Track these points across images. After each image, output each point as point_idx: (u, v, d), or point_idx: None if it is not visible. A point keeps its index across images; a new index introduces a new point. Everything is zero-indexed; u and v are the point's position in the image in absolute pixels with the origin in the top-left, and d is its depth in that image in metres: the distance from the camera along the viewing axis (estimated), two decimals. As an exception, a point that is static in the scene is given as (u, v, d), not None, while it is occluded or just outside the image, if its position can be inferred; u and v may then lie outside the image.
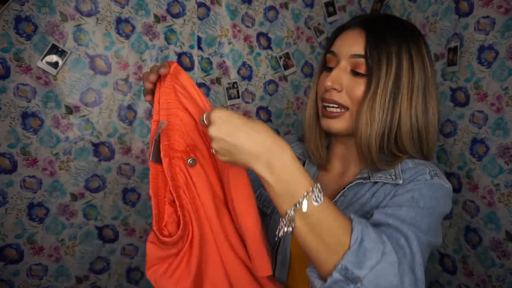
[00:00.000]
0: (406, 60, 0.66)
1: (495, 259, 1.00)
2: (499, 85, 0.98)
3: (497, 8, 0.97)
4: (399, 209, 0.61)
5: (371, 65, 0.65)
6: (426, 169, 0.66)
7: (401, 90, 0.66)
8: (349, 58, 0.68)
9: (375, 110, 0.65)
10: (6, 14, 0.99)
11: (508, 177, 0.97)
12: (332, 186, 0.76)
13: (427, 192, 0.63)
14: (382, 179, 0.68)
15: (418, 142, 0.69)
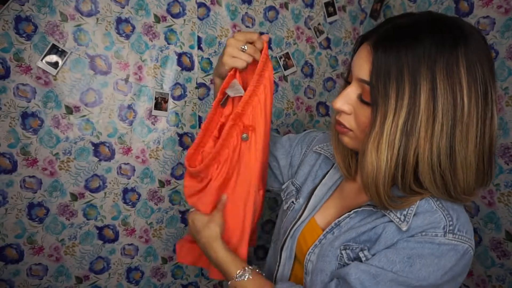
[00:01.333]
0: (425, 91, 0.52)
1: (495, 259, 1.00)
2: (499, 85, 0.98)
3: (497, 8, 0.97)
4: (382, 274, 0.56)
5: (376, 97, 0.55)
6: (442, 222, 0.56)
7: (416, 128, 0.53)
8: (358, 81, 0.60)
9: (381, 148, 0.55)
10: (6, 14, 0.99)
11: (508, 177, 0.97)
12: (350, 199, 0.73)
13: (429, 255, 0.55)
14: (391, 216, 0.61)
15: (442, 184, 0.57)
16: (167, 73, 1.21)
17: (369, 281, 0.57)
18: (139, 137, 1.19)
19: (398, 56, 0.53)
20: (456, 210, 0.60)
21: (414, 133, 0.53)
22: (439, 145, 0.54)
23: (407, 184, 0.58)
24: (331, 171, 0.79)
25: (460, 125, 0.53)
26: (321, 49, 1.45)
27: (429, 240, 0.56)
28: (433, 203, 0.59)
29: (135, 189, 1.21)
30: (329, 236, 0.69)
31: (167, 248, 1.28)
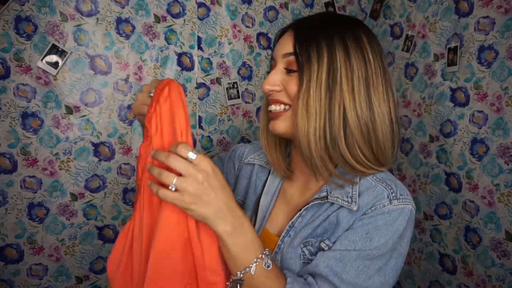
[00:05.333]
0: (340, 52, 0.64)
1: (495, 259, 1.00)
2: (499, 85, 0.98)
3: (497, 8, 0.97)
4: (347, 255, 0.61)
5: (301, 60, 0.64)
6: (384, 192, 0.64)
7: (338, 81, 0.63)
8: (282, 58, 0.68)
9: (310, 105, 0.62)
10: (6, 14, 0.99)
11: (508, 177, 0.97)
12: (295, 199, 0.76)
13: (382, 225, 0.62)
14: (339, 201, 0.66)
15: (368, 142, 0.64)
16: (167, 73, 1.21)
17: (337, 265, 0.62)
18: (139, 137, 1.19)
19: (315, 31, 0.66)
20: (391, 180, 0.67)
21: (337, 87, 0.63)
22: (360, 97, 0.63)
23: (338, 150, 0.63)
24: (269, 178, 0.80)
25: (371, 79, 0.64)
26: (321, 49, 1.45)
27: (379, 212, 0.63)
28: (370, 179, 0.66)
29: (135, 189, 1.21)
30: (286, 239, 0.71)
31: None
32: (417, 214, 1.27)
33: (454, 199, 1.13)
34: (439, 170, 1.18)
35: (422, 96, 1.23)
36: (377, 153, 0.66)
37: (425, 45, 1.21)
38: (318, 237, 0.67)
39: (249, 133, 1.37)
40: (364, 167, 0.65)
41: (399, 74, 1.33)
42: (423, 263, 1.25)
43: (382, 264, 0.62)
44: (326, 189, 0.69)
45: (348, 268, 0.61)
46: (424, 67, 1.22)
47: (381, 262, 0.62)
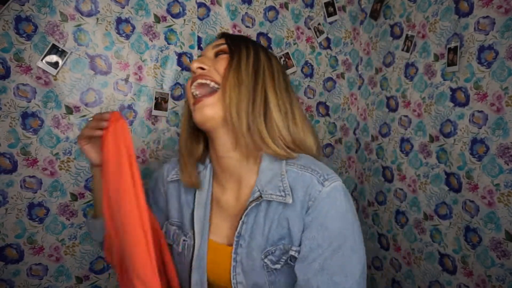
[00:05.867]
0: (263, 52, 0.77)
1: (495, 259, 1.00)
2: (499, 85, 0.98)
3: (497, 8, 0.97)
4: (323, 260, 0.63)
5: (233, 47, 0.74)
6: (313, 178, 0.67)
7: (261, 69, 0.73)
8: (212, 49, 0.77)
9: (241, 79, 0.69)
10: (6, 14, 1.00)
11: (508, 177, 0.97)
12: (232, 205, 0.76)
13: (328, 210, 0.65)
14: (274, 197, 0.68)
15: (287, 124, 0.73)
16: (167, 73, 1.21)
17: (323, 276, 0.63)
18: (139, 137, 1.19)
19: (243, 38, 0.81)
20: (314, 164, 0.70)
21: (261, 72, 0.72)
22: (279, 84, 0.74)
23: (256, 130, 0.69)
24: (197, 190, 0.80)
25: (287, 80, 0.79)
26: (321, 49, 1.45)
27: (318, 198, 0.65)
28: (295, 169, 0.69)
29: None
30: (239, 250, 0.71)
31: (167, 248, 1.28)
32: (417, 214, 1.27)
33: (454, 199, 1.13)
34: (439, 170, 1.18)
35: (422, 96, 1.23)
36: (294, 134, 0.73)
37: (425, 45, 1.21)
38: (277, 245, 0.68)
39: (249, 133, 1.37)
40: (279, 147, 0.70)
41: (399, 74, 1.33)
42: (423, 263, 1.26)
43: (351, 242, 0.65)
44: (258, 189, 0.70)
45: (332, 270, 0.63)
46: (424, 67, 1.22)
47: (349, 242, 0.65)
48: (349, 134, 1.57)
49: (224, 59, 0.73)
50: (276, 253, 0.68)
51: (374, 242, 1.50)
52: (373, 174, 1.49)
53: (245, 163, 0.74)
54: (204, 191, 0.79)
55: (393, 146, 1.37)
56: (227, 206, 0.77)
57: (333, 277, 0.62)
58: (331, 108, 1.51)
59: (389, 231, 1.41)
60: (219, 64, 0.73)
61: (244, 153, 0.72)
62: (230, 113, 0.68)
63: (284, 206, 0.67)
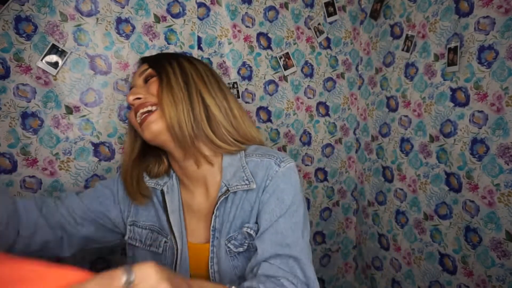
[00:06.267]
0: (185, 61, 0.81)
1: (495, 259, 1.00)
2: (499, 85, 0.98)
3: (497, 8, 0.97)
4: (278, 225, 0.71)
5: (158, 68, 0.79)
6: (271, 161, 0.75)
7: (190, 77, 0.78)
8: (139, 77, 0.82)
9: (174, 93, 0.74)
10: (6, 14, 0.99)
11: (508, 177, 0.97)
12: (204, 205, 0.82)
13: (284, 186, 0.73)
14: (240, 187, 0.75)
15: (229, 120, 0.79)
16: (167, 73, 1.21)
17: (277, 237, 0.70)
18: (139, 137, 1.19)
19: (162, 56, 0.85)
20: (270, 151, 0.78)
21: (191, 80, 0.77)
22: (212, 86, 0.79)
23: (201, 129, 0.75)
24: (166, 197, 0.83)
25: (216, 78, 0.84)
26: (321, 49, 1.45)
27: (275, 177, 0.73)
28: (255, 158, 0.77)
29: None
30: (215, 242, 0.78)
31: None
32: (417, 214, 1.27)
33: (454, 199, 1.13)
34: (439, 170, 1.18)
35: (422, 96, 1.23)
36: (238, 128, 0.80)
37: (425, 45, 1.21)
38: (240, 229, 0.75)
39: (249, 133, 1.37)
40: (229, 144, 0.77)
41: (399, 74, 1.33)
42: (423, 263, 1.25)
43: (301, 213, 0.73)
44: (224, 184, 0.77)
45: (285, 233, 0.70)
46: (424, 67, 1.22)
47: (300, 212, 0.73)
48: (349, 134, 1.57)
49: (154, 82, 0.79)
50: (238, 237, 0.75)
51: (374, 242, 1.50)
52: (373, 174, 1.49)
53: (207, 167, 0.80)
54: (175, 197, 0.84)
55: (393, 146, 1.37)
56: (199, 209, 0.83)
57: (286, 239, 0.70)
58: (331, 108, 1.51)
59: (389, 231, 1.41)
60: (151, 88, 0.78)
61: (200, 159, 0.78)
62: (173, 128, 0.74)
63: (247, 192, 0.75)
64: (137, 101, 0.78)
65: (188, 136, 0.74)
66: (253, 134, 0.84)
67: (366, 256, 1.56)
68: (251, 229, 0.74)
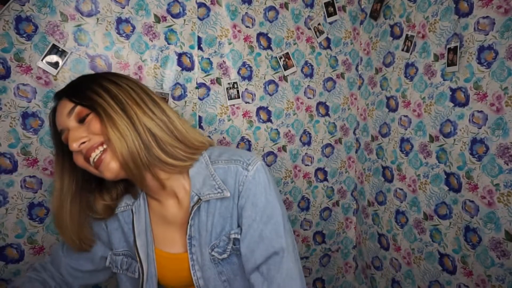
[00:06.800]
0: (109, 84, 0.73)
1: (495, 259, 1.00)
2: (498, 85, 0.98)
3: (497, 8, 0.97)
4: (259, 231, 0.73)
5: (87, 103, 0.71)
6: (238, 166, 0.75)
7: (125, 102, 0.71)
8: (68, 118, 0.72)
9: (118, 127, 0.69)
10: (7, 14, 1.00)
11: (508, 177, 0.97)
12: (178, 215, 0.81)
13: (256, 189, 0.74)
14: (212, 196, 0.75)
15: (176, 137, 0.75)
16: (167, 73, 1.21)
17: (262, 243, 0.73)
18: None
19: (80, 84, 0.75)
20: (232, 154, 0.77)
21: (127, 107, 0.71)
22: (148, 107, 0.73)
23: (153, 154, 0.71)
24: (135, 216, 0.82)
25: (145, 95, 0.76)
26: (321, 49, 1.45)
27: (246, 182, 0.74)
28: (221, 165, 0.76)
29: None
30: (194, 249, 0.78)
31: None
32: (416, 214, 1.28)
33: (454, 199, 1.13)
34: (439, 170, 1.18)
35: (422, 96, 1.23)
36: (184, 140, 0.76)
37: (425, 45, 1.21)
38: (220, 236, 0.76)
39: (249, 133, 1.37)
40: (183, 160, 0.75)
41: (399, 74, 1.33)
42: (423, 263, 1.26)
43: (278, 210, 0.75)
44: (195, 193, 0.76)
45: (269, 236, 0.73)
46: (424, 67, 1.22)
47: (277, 210, 0.74)
48: (349, 134, 1.57)
49: (93, 119, 0.71)
50: (221, 244, 0.76)
51: (374, 242, 1.50)
52: (373, 174, 1.49)
53: (174, 180, 0.78)
54: (142, 218, 0.82)
55: (393, 146, 1.37)
56: (174, 218, 0.82)
57: (271, 242, 0.73)
58: (331, 108, 1.51)
59: (389, 231, 1.41)
60: (92, 127, 0.71)
61: (165, 179, 0.76)
62: (128, 164, 0.70)
63: (221, 200, 0.75)
64: (83, 146, 0.71)
65: (143, 166, 0.71)
66: (201, 140, 0.80)
67: (366, 256, 1.56)
68: (236, 234, 0.76)
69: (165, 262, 0.83)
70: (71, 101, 0.72)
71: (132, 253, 0.84)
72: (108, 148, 0.70)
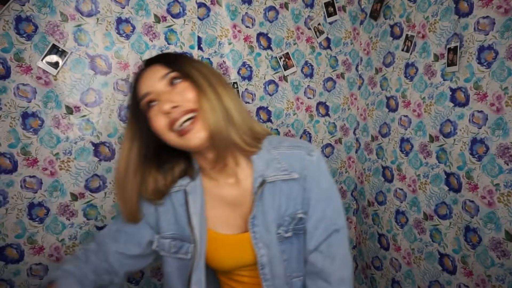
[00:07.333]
0: (199, 65, 0.79)
1: (495, 259, 1.00)
2: (499, 85, 0.98)
3: (497, 8, 0.97)
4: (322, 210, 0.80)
5: (184, 72, 0.76)
6: (301, 152, 0.81)
7: (213, 83, 0.76)
8: (159, 81, 0.75)
9: (211, 100, 0.74)
10: (7, 14, 1.00)
11: (508, 177, 0.97)
12: (234, 195, 0.83)
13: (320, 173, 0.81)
14: (278, 177, 0.79)
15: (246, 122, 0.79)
16: (167, 73, 1.21)
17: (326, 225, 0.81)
18: (139, 137, 1.19)
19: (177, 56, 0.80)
20: (293, 141, 0.84)
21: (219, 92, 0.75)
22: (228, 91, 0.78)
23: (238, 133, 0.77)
24: (189, 198, 0.83)
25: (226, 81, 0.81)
26: (321, 49, 1.45)
27: (311, 167, 0.80)
28: (283, 149, 0.81)
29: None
30: (256, 229, 0.81)
31: (167, 248, 1.28)
32: (417, 214, 1.28)
33: (454, 199, 1.13)
34: (439, 170, 1.18)
35: (422, 96, 1.23)
36: (252, 128, 0.81)
37: (425, 45, 1.21)
38: (284, 215, 0.81)
39: (249, 133, 1.37)
40: (252, 146, 0.79)
41: (399, 74, 1.33)
42: (423, 263, 1.26)
43: (337, 193, 0.83)
44: (259, 175, 0.79)
45: (331, 215, 0.81)
46: (424, 67, 1.22)
47: (336, 191, 0.83)
48: (349, 134, 1.57)
49: (189, 87, 0.75)
50: (285, 224, 0.81)
51: (374, 242, 1.50)
52: (373, 174, 1.49)
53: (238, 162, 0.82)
54: (198, 198, 0.83)
55: (393, 146, 1.37)
56: (231, 199, 0.84)
57: (333, 220, 0.80)
58: (331, 108, 1.51)
59: (389, 231, 1.41)
60: (186, 93, 0.74)
61: (233, 159, 0.81)
62: (215, 135, 0.74)
63: (287, 182, 0.80)
64: (174, 110, 0.72)
65: (226, 141, 0.75)
66: (262, 128, 0.86)
67: (366, 256, 1.56)
68: (302, 213, 0.81)
69: (216, 243, 0.84)
70: (167, 67, 0.76)
71: (182, 235, 0.84)
72: (198, 117, 0.73)
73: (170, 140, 0.75)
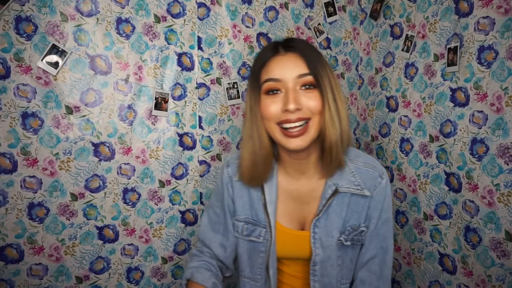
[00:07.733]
0: (328, 69, 0.81)
1: (495, 259, 1.00)
2: (499, 85, 0.98)
3: (497, 9, 0.97)
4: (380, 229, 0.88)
5: (319, 79, 0.78)
6: (375, 173, 0.87)
7: (335, 93, 0.79)
8: (296, 79, 0.78)
9: (331, 112, 0.78)
10: (7, 14, 1.00)
11: (508, 177, 0.97)
12: (304, 195, 0.89)
13: (385, 196, 0.88)
14: (351, 190, 0.85)
15: (350, 135, 0.85)
16: (167, 73, 1.21)
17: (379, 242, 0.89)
18: (139, 137, 1.19)
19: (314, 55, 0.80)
20: (368, 159, 0.89)
21: (337, 95, 0.80)
22: (344, 105, 0.81)
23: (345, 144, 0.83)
24: (265, 187, 0.88)
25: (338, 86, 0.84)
26: (321, 49, 1.45)
27: (379, 188, 0.87)
28: (360, 166, 0.87)
29: (135, 189, 1.21)
30: (317, 230, 0.87)
31: (167, 248, 1.28)
32: (417, 214, 1.27)
33: (454, 199, 1.13)
34: (439, 170, 1.18)
35: (422, 96, 1.23)
36: (349, 141, 0.85)
37: (425, 45, 1.21)
38: (345, 225, 0.87)
39: (249, 133, 1.37)
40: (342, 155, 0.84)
41: (399, 74, 1.33)
42: (423, 263, 1.26)
43: (391, 216, 0.90)
44: (333, 183, 0.86)
45: (385, 235, 0.89)
46: (424, 67, 1.22)
47: (391, 216, 0.90)
48: (349, 134, 1.57)
49: (317, 97, 0.78)
50: (348, 232, 0.87)
51: (374, 242, 1.50)
52: (373, 174, 1.49)
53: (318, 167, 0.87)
54: (273, 188, 0.88)
55: (393, 146, 1.37)
56: (298, 197, 0.89)
57: (385, 239, 0.88)
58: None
59: (389, 231, 1.41)
60: (310, 102, 0.77)
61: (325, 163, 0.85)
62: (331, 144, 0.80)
63: (356, 196, 0.86)
64: (297, 112, 0.76)
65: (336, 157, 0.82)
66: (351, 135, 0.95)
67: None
68: (365, 227, 0.88)
69: (280, 234, 0.89)
70: (306, 65, 0.78)
71: (255, 220, 0.90)
72: (310, 126, 0.78)
73: (271, 130, 0.80)
